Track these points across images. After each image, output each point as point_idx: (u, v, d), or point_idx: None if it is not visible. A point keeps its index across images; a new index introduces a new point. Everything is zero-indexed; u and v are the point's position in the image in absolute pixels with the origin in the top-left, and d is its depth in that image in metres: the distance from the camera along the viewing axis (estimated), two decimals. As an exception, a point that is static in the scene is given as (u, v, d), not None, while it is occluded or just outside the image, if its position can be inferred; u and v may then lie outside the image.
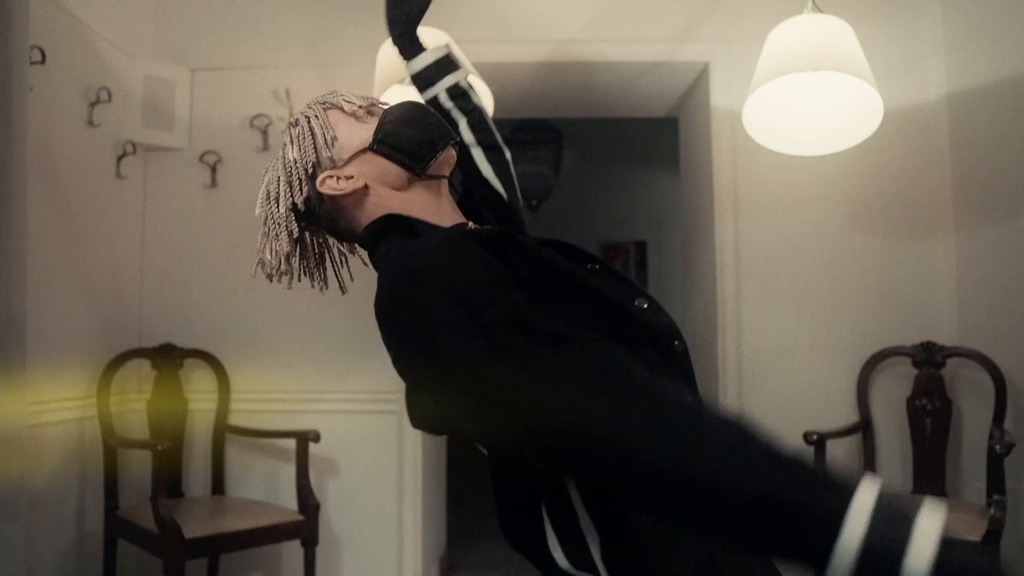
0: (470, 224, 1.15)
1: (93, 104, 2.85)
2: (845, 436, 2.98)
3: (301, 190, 1.14)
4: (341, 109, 1.16)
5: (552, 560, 0.94)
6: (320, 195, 1.14)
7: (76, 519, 2.75)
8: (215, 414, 3.08)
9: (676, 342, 1.03)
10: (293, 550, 2.92)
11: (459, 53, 1.94)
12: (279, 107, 3.21)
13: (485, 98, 2.70)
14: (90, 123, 2.85)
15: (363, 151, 1.14)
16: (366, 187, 1.13)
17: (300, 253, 1.21)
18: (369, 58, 2.87)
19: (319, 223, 1.19)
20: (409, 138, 1.13)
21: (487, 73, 2.67)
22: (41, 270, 2.51)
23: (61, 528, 2.67)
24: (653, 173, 6.55)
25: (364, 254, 1.18)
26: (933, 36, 3.18)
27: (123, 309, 3.07)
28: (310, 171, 1.14)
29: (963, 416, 3.00)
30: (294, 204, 1.14)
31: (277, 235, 1.15)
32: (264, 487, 3.11)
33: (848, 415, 3.03)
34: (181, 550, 2.43)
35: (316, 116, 1.15)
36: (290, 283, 1.21)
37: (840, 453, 3.06)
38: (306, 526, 2.75)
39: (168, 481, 2.75)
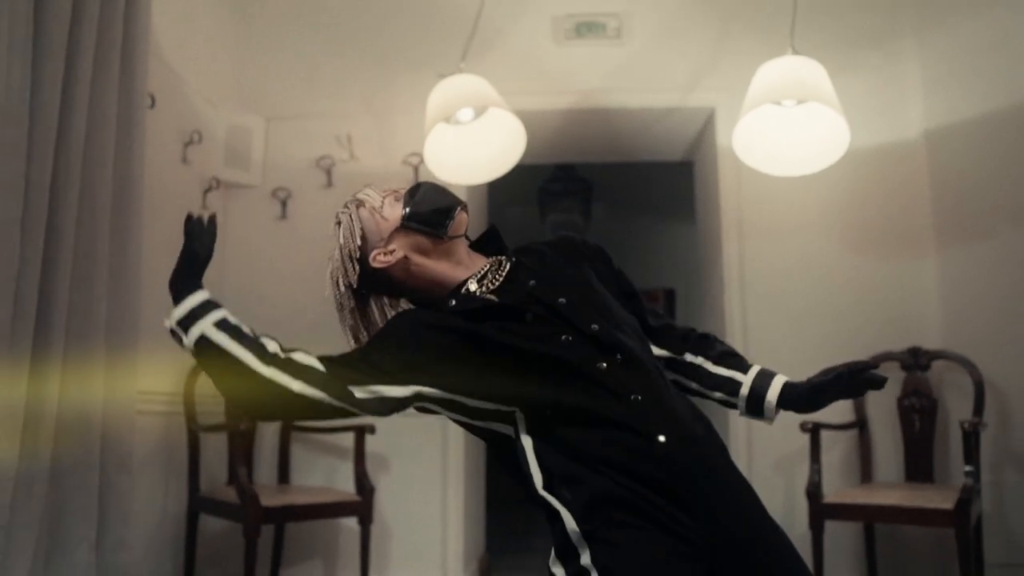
0: (482, 268, 1.55)
1: (187, 144, 3.38)
2: (843, 431, 3.33)
3: (354, 270, 1.51)
4: (366, 204, 1.55)
5: (534, 488, 1.37)
6: (375, 270, 1.52)
7: (163, 499, 3.18)
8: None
9: (603, 363, 1.37)
10: (350, 530, 3.31)
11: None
12: (341, 150, 3.72)
13: (518, 140, 3.17)
14: (184, 161, 3.37)
15: (397, 229, 1.51)
16: (406, 257, 1.51)
17: (362, 318, 1.59)
18: (417, 107, 3.39)
19: (380, 290, 1.58)
20: (428, 211, 1.52)
21: (522, 119, 3.15)
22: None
23: (148, 508, 3.08)
24: (679, 223, 6.95)
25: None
26: (912, 79, 3.61)
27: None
28: (357, 255, 1.51)
29: (948, 413, 3.33)
30: (350, 283, 1.52)
31: (342, 309, 1.57)
32: (324, 479, 3.51)
33: (846, 414, 3.37)
34: (258, 515, 2.84)
35: (349, 214, 1.54)
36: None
37: (841, 447, 3.39)
38: (363, 506, 3.14)
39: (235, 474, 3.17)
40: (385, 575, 3.43)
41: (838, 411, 3.35)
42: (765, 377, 1.55)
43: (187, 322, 1.43)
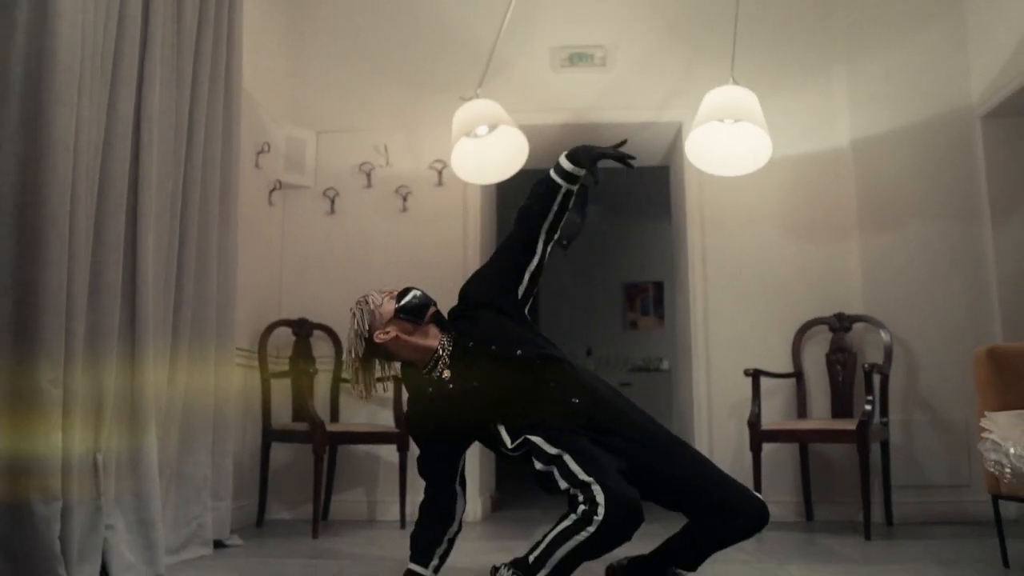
0: (441, 340, 2.45)
1: (259, 153, 4.23)
2: (784, 379, 4.17)
3: (362, 344, 2.46)
4: (370, 302, 2.51)
5: (505, 445, 2.30)
6: (376, 344, 2.45)
7: (242, 433, 4.02)
8: (332, 373, 4.35)
9: (533, 369, 2.37)
10: (388, 461, 4.15)
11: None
12: (379, 157, 4.58)
13: (523, 150, 4.01)
14: (256, 166, 4.22)
15: (392, 318, 2.43)
16: (397, 336, 2.42)
17: (365, 372, 2.54)
18: (441, 121, 4.27)
19: (379, 356, 2.51)
20: (412, 308, 2.44)
21: (526, 132, 4.00)
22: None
23: (232, 439, 3.91)
24: (666, 222, 7.82)
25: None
26: (841, 98, 4.45)
27: (269, 294, 4.39)
28: (365, 335, 2.45)
29: (872, 366, 4.16)
30: (359, 353, 2.47)
31: (352, 366, 2.50)
32: (367, 419, 4.34)
33: (786, 366, 4.21)
34: (323, 438, 3.69)
35: (361, 308, 2.48)
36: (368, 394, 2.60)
37: (782, 393, 4.23)
38: (401, 436, 3.98)
39: (303, 410, 4.00)
40: (417, 496, 4.26)
41: (779, 363, 4.20)
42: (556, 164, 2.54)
43: None
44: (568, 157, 2.49)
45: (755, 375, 3.93)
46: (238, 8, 3.57)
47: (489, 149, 3.94)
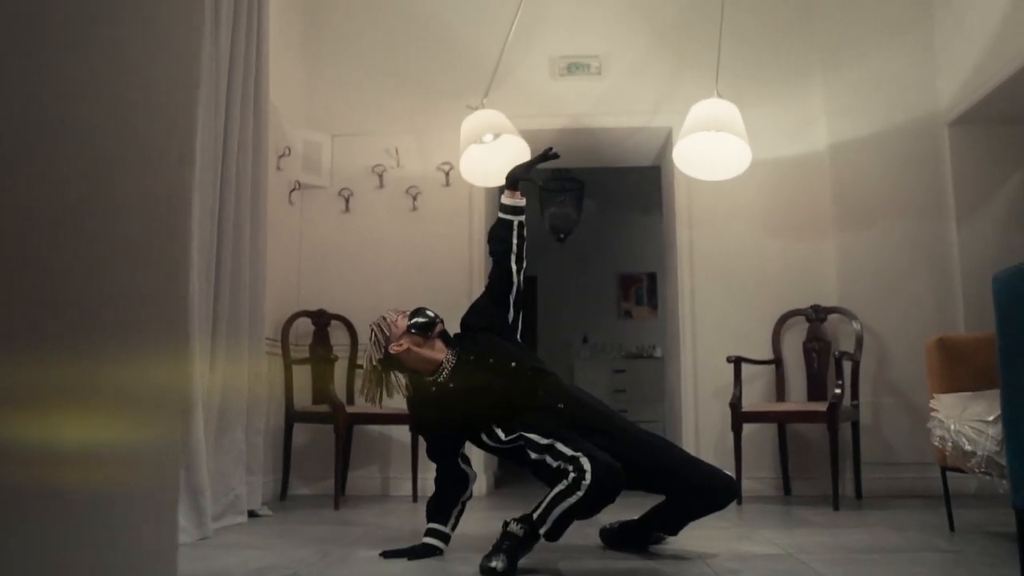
0: (447, 354, 2.88)
1: (280, 156, 4.57)
2: (764, 365, 4.54)
3: (379, 354, 2.86)
4: (387, 320, 2.91)
5: (499, 438, 2.69)
6: (391, 355, 2.85)
7: (265, 414, 4.37)
8: (348, 359, 4.71)
9: (545, 389, 2.79)
10: (400, 441, 4.52)
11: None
12: (390, 159, 4.93)
13: (524, 155, 4.36)
14: (278, 168, 4.57)
15: (405, 332, 2.84)
16: (408, 348, 2.82)
17: (380, 380, 2.94)
18: (448, 126, 4.62)
19: (394, 367, 2.90)
20: (422, 325, 2.85)
21: (526, 136, 4.35)
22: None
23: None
24: (658, 217, 8.18)
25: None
26: (819, 106, 4.81)
27: (289, 287, 4.75)
28: (383, 348, 2.85)
29: (842, 354, 4.53)
30: (376, 363, 2.87)
31: (370, 375, 2.92)
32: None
33: (766, 353, 4.58)
34: (344, 419, 4.05)
35: (379, 324, 2.89)
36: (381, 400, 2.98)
37: (762, 379, 4.60)
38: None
39: (324, 393, 4.37)
40: (428, 473, 4.63)
41: (760, 350, 4.57)
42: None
43: None
44: (507, 187, 3.00)
45: (737, 361, 4.30)
46: (265, 28, 3.91)
47: (494, 155, 4.28)
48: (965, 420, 2.80)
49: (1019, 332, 1.52)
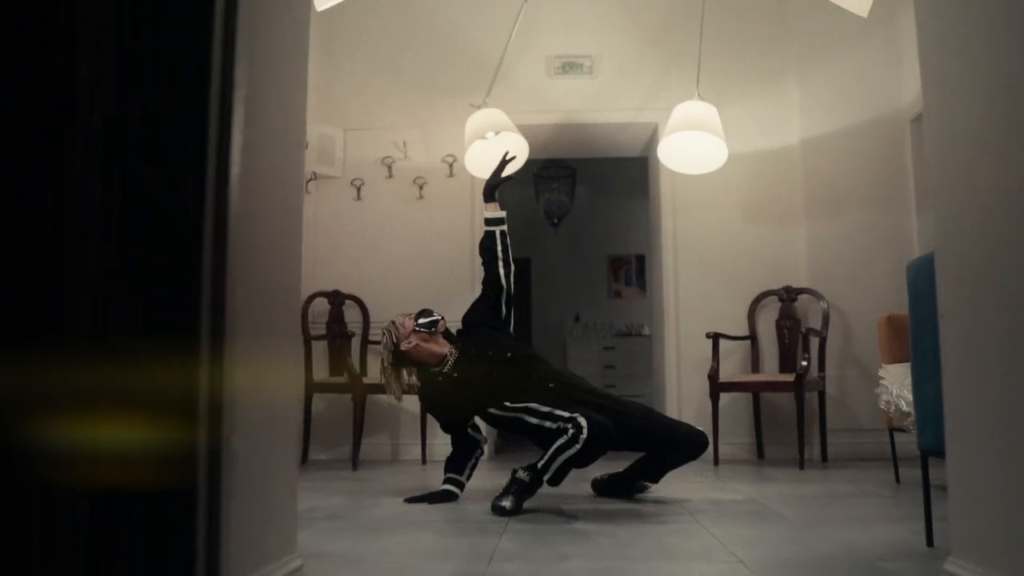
0: (450, 349, 3.37)
1: (298, 150, 4.97)
2: (740, 341, 5.00)
3: (391, 352, 3.35)
4: (397, 323, 3.37)
5: (504, 407, 3.18)
6: (402, 351, 3.32)
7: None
8: (360, 335, 5.14)
9: (537, 373, 3.27)
10: (409, 412, 4.97)
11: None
12: (398, 152, 5.34)
13: (523, 150, 4.78)
14: (297, 161, 4.97)
15: (414, 330, 3.33)
16: (417, 344, 3.31)
17: (393, 375, 3.41)
18: (452, 121, 5.03)
19: (404, 362, 3.38)
20: (427, 323, 3.33)
21: (524, 130, 4.77)
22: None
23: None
24: (647, 202, 8.62)
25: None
26: (792, 103, 5.24)
27: (306, 269, 5.16)
28: (394, 346, 3.35)
29: (808, 330, 5.00)
30: (389, 364, 3.37)
31: (385, 369, 3.40)
32: (390, 378, 5.14)
33: (743, 330, 5.04)
34: (362, 388, 4.49)
35: (392, 326, 3.39)
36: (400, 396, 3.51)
37: (739, 353, 5.06)
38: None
39: (342, 365, 4.80)
40: (435, 440, 5.09)
41: (737, 327, 5.03)
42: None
43: None
44: (485, 201, 3.60)
45: (715, 337, 4.76)
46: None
47: (496, 150, 4.70)
48: (905, 386, 3.26)
49: (926, 308, 1.94)
